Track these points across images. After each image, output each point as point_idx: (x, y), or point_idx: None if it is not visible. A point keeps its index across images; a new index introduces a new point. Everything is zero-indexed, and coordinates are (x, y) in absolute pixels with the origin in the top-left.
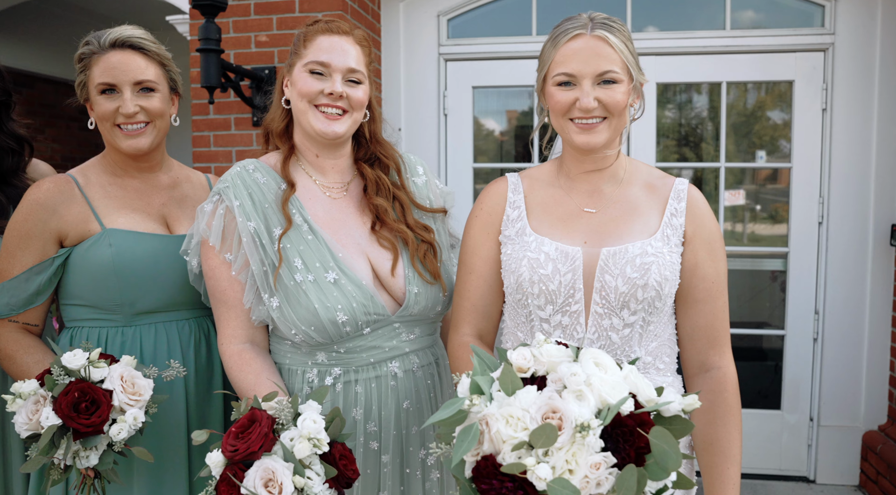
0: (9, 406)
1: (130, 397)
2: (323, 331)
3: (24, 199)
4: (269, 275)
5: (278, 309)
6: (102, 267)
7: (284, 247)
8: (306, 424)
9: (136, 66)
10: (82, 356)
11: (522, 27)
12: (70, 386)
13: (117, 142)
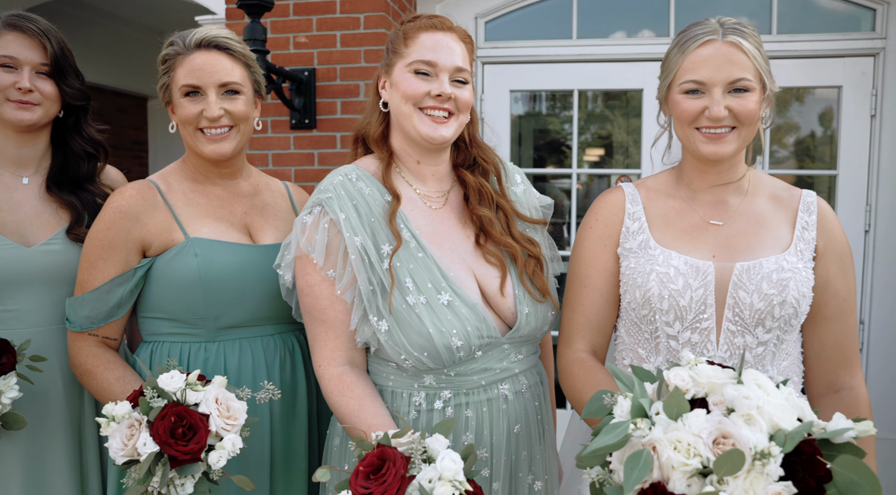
0: (103, 429)
1: (226, 421)
2: (436, 357)
3: (107, 207)
4: (377, 295)
5: (387, 332)
6: (187, 278)
7: (394, 265)
8: (445, 464)
9: (221, 68)
10: (180, 378)
11: (562, 30)
12: (166, 409)
13: (199, 147)
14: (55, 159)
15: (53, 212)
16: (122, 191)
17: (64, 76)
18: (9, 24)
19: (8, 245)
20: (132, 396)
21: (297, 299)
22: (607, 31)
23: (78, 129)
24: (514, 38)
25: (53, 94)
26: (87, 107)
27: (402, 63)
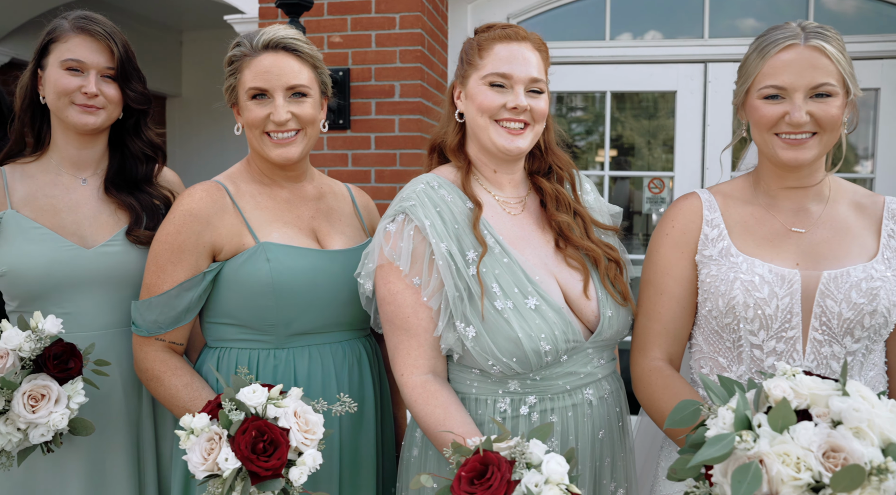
0: (182, 442)
1: (306, 436)
2: (525, 362)
3: (176, 209)
4: (464, 301)
5: (475, 338)
6: (259, 283)
7: (480, 271)
8: (552, 467)
9: (289, 70)
10: (262, 393)
11: (595, 31)
12: (246, 423)
13: (266, 151)
14: (112, 161)
15: (112, 214)
16: (192, 193)
17: (128, 80)
18: (77, 27)
19: (68, 246)
20: (209, 408)
21: (375, 308)
22: (641, 32)
23: (137, 132)
24: (546, 39)
25: (117, 98)
26: (148, 110)
27: (476, 75)
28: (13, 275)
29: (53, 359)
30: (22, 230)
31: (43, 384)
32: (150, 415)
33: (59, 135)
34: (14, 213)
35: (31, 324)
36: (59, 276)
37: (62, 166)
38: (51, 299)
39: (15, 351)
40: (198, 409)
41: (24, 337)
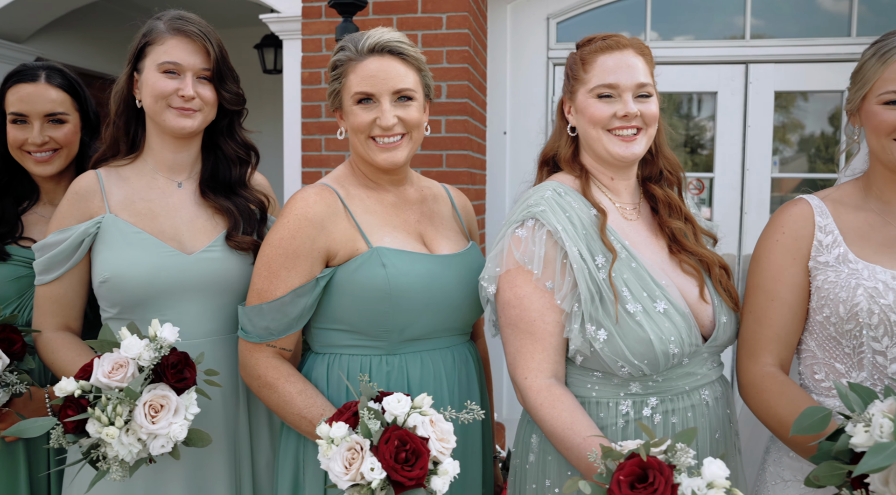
0: (323, 452)
1: (443, 445)
2: (655, 364)
3: (290, 214)
4: (596, 305)
5: (606, 341)
6: (375, 289)
7: (611, 276)
8: (713, 471)
9: (395, 74)
10: (406, 402)
11: (635, 31)
12: (388, 433)
13: (371, 156)
14: (206, 163)
15: (209, 218)
16: (306, 197)
17: (223, 80)
18: (173, 28)
19: (169, 251)
20: (346, 417)
21: (492, 311)
22: (681, 32)
23: (231, 133)
24: None
25: (212, 100)
26: (241, 110)
27: (583, 89)
28: (116, 281)
29: (171, 368)
30: (123, 235)
31: (162, 394)
32: (247, 423)
33: (154, 139)
34: (114, 218)
35: (150, 332)
36: (162, 283)
37: (157, 170)
38: (152, 306)
39: (135, 360)
40: (314, 417)
41: (143, 345)
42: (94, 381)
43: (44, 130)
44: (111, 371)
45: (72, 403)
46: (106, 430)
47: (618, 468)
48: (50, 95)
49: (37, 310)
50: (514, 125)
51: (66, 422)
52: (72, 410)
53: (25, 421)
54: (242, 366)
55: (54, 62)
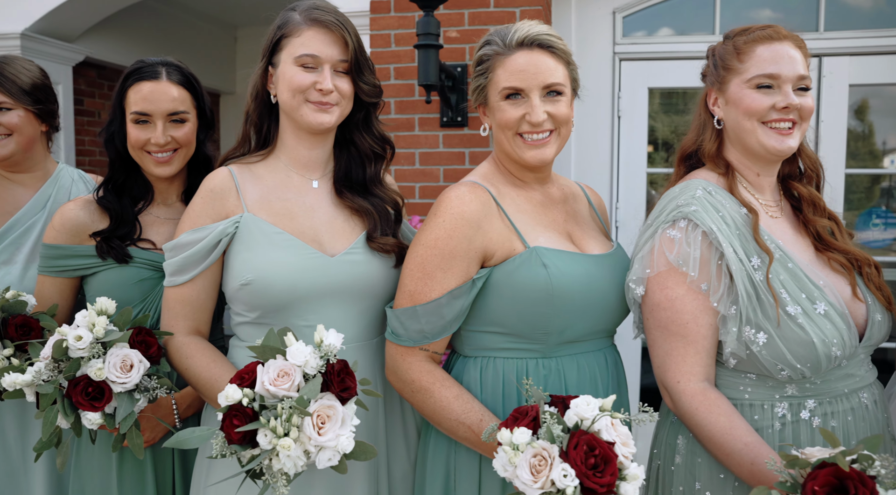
0: (510, 458)
1: (627, 450)
2: (816, 367)
3: (445, 213)
4: (755, 307)
5: (765, 344)
6: (536, 290)
7: (768, 277)
8: None
9: (545, 68)
10: (595, 404)
11: (703, 25)
12: (576, 438)
13: (519, 153)
14: (339, 160)
15: (346, 219)
16: (461, 195)
17: (361, 72)
18: (311, 18)
19: (313, 254)
20: (525, 422)
21: (637, 313)
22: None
23: (368, 126)
24: (653, 34)
25: (350, 93)
26: (378, 102)
27: (738, 79)
28: (260, 283)
29: (336, 377)
30: (265, 235)
31: (328, 404)
32: (384, 433)
33: (288, 135)
34: (253, 217)
35: (316, 338)
36: (307, 286)
37: (291, 167)
38: (295, 311)
39: (300, 367)
40: (473, 422)
41: (309, 352)
42: (259, 390)
43: (166, 130)
44: (276, 379)
45: (237, 412)
46: (282, 442)
47: (809, 477)
48: (172, 93)
49: (167, 312)
50: (580, 122)
51: (232, 433)
52: (238, 420)
53: (184, 432)
54: (392, 371)
55: (169, 58)
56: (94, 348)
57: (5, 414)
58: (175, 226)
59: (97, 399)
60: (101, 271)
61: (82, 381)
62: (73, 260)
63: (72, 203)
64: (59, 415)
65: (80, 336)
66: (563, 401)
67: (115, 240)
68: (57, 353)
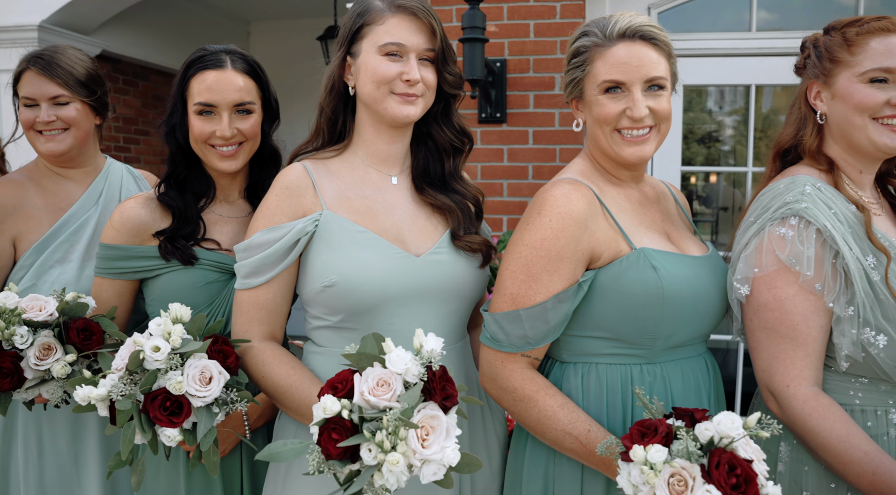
0: (647, 478)
1: (763, 467)
2: None
3: (550, 212)
4: (875, 308)
5: (886, 347)
6: (646, 293)
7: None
8: None
9: (648, 60)
10: (738, 422)
11: (739, 23)
12: (716, 456)
13: (617, 150)
14: (417, 155)
15: (428, 217)
16: (567, 194)
17: (446, 62)
18: (396, 5)
19: (398, 254)
20: (657, 439)
21: (739, 314)
22: (787, 23)
23: (447, 119)
24: (688, 30)
25: (434, 83)
26: (459, 94)
27: (848, 72)
28: (344, 285)
29: (439, 384)
30: (348, 234)
31: (432, 414)
32: (467, 441)
33: (366, 129)
34: (333, 215)
35: (415, 343)
36: (394, 288)
37: (369, 162)
38: (379, 314)
39: (401, 375)
40: (580, 433)
41: (409, 359)
42: (357, 401)
43: (232, 122)
44: (374, 388)
45: (336, 425)
46: (390, 457)
47: None
48: (237, 83)
49: (240, 317)
50: None
51: (331, 447)
52: (337, 433)
53: (275, 444)
54: (491, 378)
55: (232, 45)
56: (173, 360)
57: (57, 422)
58: (237, 225)
59: (175, 414)
60: (164, 273)
61: (160, 395)
62: (133, 261)
63: (132, 200)
64: (137, 432)
65: (158, 346)
66: (692, 415)
67: (180, 239)
68: (133, 365)
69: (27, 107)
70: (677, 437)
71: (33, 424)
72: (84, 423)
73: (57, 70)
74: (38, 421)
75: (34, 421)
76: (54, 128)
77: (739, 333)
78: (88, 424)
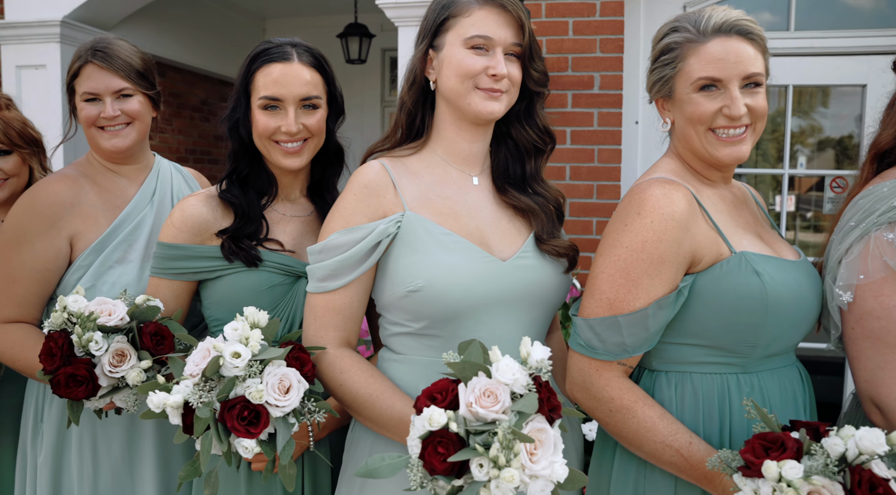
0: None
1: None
2: None
3: (651, 213)
4: None
5: None
6: (750, 299)
7: None
8: None
9: (746, 56)
10: (882, 437)
11: (777, 22)
12: (856, 474)
13: (711, 151)
14: (497, 154)
15: (511, 219)
16: (668, 194)
17: (532, 58)
18: None
19: (486, 258)
20: (788, 454)
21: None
22: (827, 23)
23: (530, 117)
24: None
25: (519, 80)
26: (543, 92)
27: None
28: (431, 290)
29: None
30: (433, 237)
31: (540, 427)
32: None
33: (447, 126)
34: (416, 216)
35: (522, 352)
36: (481, 294)
37: (449, 161)
38: (465, 321)
39: (508, 385)
40: (681, 445)
41: (518, 369)
42: (463, 412)
43: (298, 117)
44: (481, 398)
45: (443, 439)
46: (505, 473)
47: None
48: (304, 76)
49: (314, 322)
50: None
51: (436, 462)
52: (443, 447)
53: (373, 460)
54: (583, 387)
55: (297, 38)
56: (252, 367)
57: (112, 430)
58: (300, 225)
59: (253, 424)
60: (225, 275)
61: (238, 404)
62: (194, 261)
63: (193, 198)
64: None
65: (239, 352)
66: (816, 429)
67: (244, 239)
68: (211, 371)
69: (88, 102)
70: (808, 453)
71: (88, 432)
72: (139, 431)
73: (118, 62)
74: (92, 429)
75: (89, 428)
76: (118, 123)
77: (837, 343)
78: (144, 431)
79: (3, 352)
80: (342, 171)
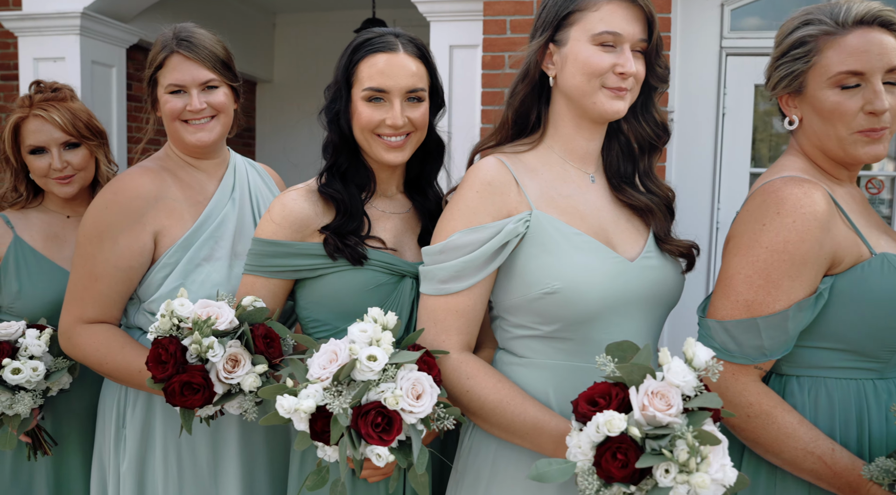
0: None
1: None
2: None
3: (793, 212)
4: None
5: None
6: (893, 302)
7: None
8: None
9: (891, 48)
10: None
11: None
12: None
13: (852, 150)
14: (610, 152)
15: (629, 219)
16: (808, 192)
17: (658, 54)
18: None
19: (617, 259)
20: None
21: None
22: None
23: (647, 113)
24: (762, 28)
25: (642, 76)
26: (660, 88)
27: None
28: (569, 293)
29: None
30: (564, 236)
31: (709, 429)
32: None
33: (565, 123)
34: (545, 215)
35: (688, 353)
36: (615, 295)
37: (567, 159)
38: (598, 323)
39: (679, 388)
40: (822, 452)
41: (687, 370)
42: (637, 417)
43: (403, 110)
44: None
45: (622, 444)
46: (695, 479)
47: None
48: (410, 68)
49: (434, 326)
50: (682, 118)
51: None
52: (622, 453)
53: (541, 463)
54: (720, 392)
55: (399, 29)
56: (387, 371)
57: (197, 437)
58: (399, 222)
59: (386, 431)
60: (328, 274)
61: (372, 410)
62: (295, 259)
63: (293, 192)
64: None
65: (375, 356)
66: None
67: (350, 236)
68: (344, 375)
69: (173, 94)
70: None
71: (172, 438)
72: (224, 438)
73: (204, 52)
74: (176, 436)
75: (173, 435)
76: (203, 116)
77: None
78: (228, 438)
79: (88, 355)
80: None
